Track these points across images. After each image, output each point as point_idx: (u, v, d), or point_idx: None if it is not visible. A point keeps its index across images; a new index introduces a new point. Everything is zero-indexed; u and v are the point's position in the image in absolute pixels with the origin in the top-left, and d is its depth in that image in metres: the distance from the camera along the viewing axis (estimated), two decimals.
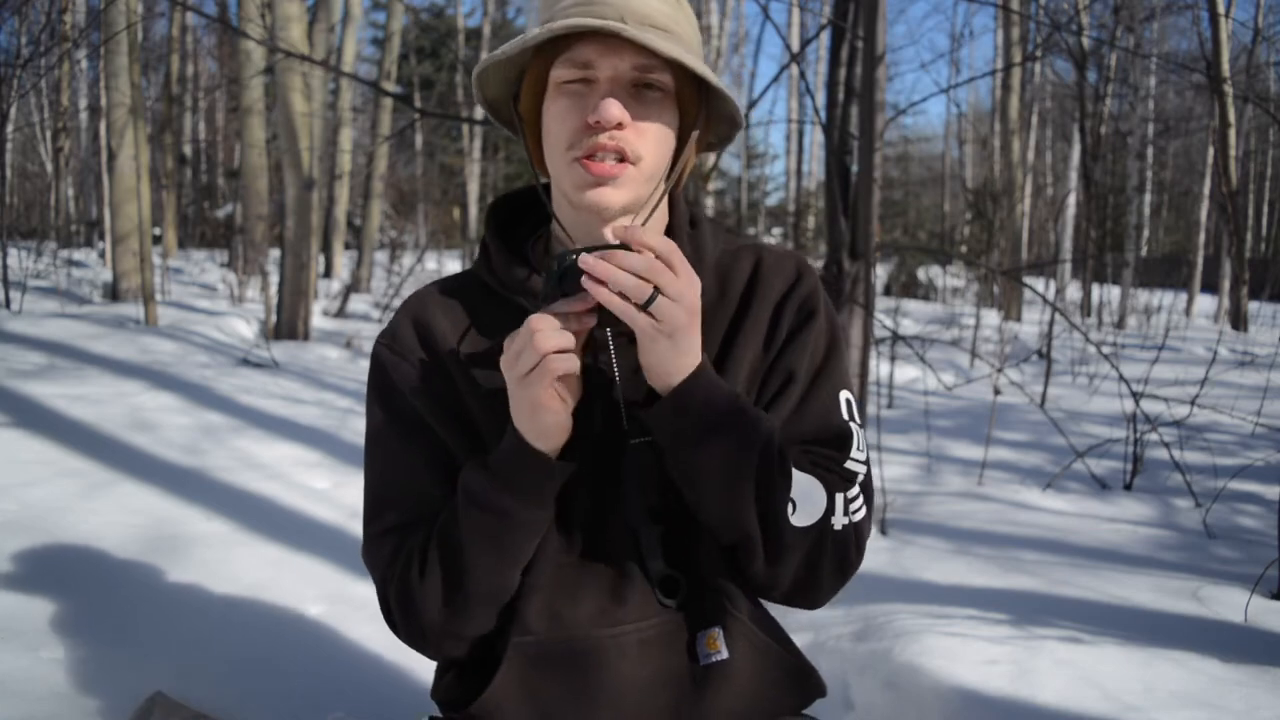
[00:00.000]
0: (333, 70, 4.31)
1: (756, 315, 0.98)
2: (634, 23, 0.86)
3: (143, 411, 3.40)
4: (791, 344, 0.99)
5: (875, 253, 2.96)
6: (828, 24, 3.34)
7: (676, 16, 0.91)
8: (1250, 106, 10.46)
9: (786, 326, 0.99)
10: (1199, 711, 1.61)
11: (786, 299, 0.99)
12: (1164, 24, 13.13)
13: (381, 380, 0.99)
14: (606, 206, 0.90)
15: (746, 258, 1.02)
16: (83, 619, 1.84)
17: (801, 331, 0.99)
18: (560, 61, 0.89)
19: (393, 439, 0.98)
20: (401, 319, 1.00)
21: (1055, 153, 18.08)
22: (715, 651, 0.95)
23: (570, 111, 0.88)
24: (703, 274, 0.96)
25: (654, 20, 0.88)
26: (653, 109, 0.89)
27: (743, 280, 1.01)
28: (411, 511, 0.96)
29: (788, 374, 0.98)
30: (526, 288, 0.96)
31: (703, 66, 0.88)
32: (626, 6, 0.87)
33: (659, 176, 0.93)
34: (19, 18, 7.77)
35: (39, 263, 8.69)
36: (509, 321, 0.91)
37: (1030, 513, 2.95)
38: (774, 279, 1.00)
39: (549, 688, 0.93)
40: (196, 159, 18.16)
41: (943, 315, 10.57)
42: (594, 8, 0.87)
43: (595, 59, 0.87)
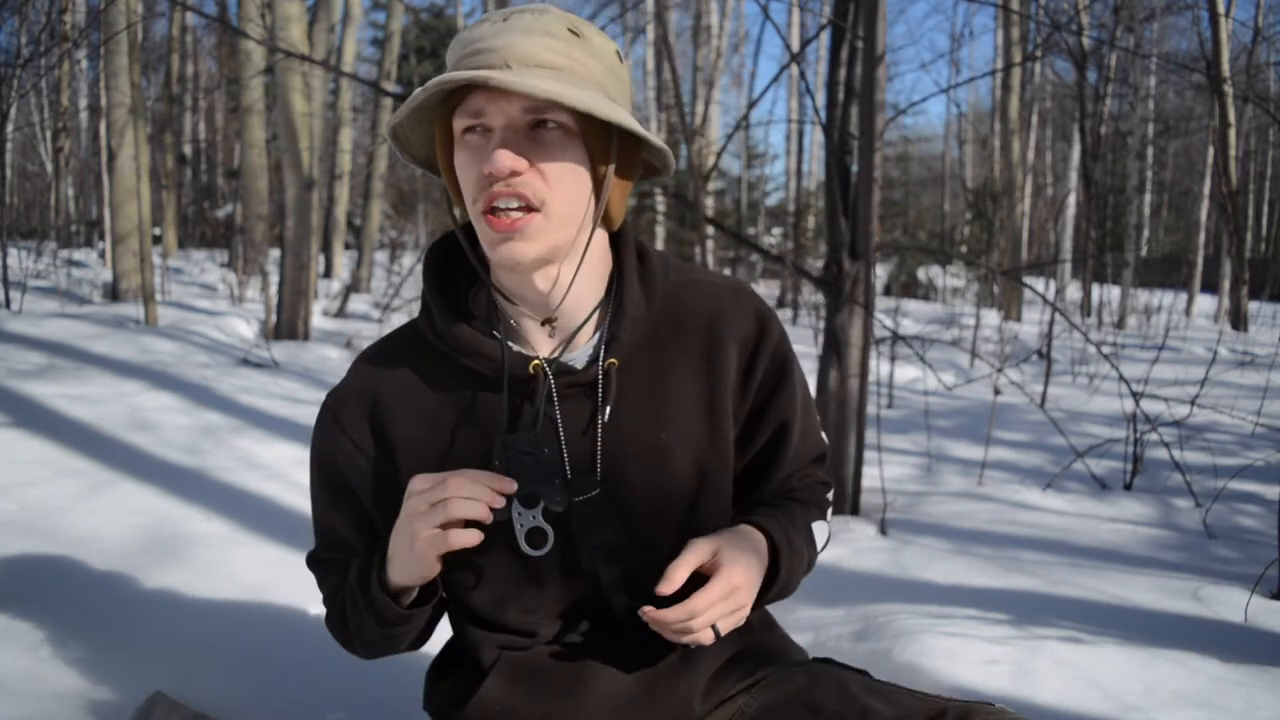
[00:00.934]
0: (333, 70, 4.31)
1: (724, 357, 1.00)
2: (518, 66, 0.85)
3: (143, 411, 3.40)
4: (777, 394, 1.03)
5: (875, 253, 2.96)
6: (828, 24, 3.34)
7: (570, 53, 0.87)
8: (1250, 106, 10.46)
9: (762, 374, 1.02)
10: (1199, 711, 1.61)
11: (759, 349, 1.02)
12: (1164, 24, 13.13)
13: (321, 444, 1.02)
14: (518, 261, 0.88)
15: (701, 293, 1.02)
16: (83, 619, 1.84)
17: (782, 383, 1.03)
18: (458, 113, 0.88)
19: (324, 496, 1.03)
20: (349, 389, 1.01)
21: (1055, 153, 18.08)
22: None
23: (470, 163, 0.88)
24: (653, 307, 0.98)
25: (540, 60, 0.86)
26: (553, 149, 0.86)
27: (701, 316, 1.01)
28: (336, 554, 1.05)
29: (781, 424, 1.04)
30: (472, 349, 0.95)
31: (589, 100, 0.83)
32: (511, 51, 0.85)
33: (577, 218, 0.90)
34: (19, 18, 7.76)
35: (39, 263, 8.69)
36: (457, 383, 0.97)
37: (1030, 513, 2.95)
38: (735, 324, 1.01)
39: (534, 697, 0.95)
40: (196, 159, 18.16)
41: (943, 315, 10.57)
42: (480, 57, 0.86)
43: (485, 106, 0.86)
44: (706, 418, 0.98)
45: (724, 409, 0.99)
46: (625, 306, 0.96)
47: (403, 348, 1.01)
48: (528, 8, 0.89)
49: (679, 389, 0.98)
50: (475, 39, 0.87)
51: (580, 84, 0.86)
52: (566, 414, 0.95)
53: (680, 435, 0.97)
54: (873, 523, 2.85)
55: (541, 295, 0.94)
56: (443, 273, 0.99)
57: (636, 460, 0.96)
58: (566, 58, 0.87)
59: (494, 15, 0.90)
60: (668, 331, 0.99)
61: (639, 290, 0.97)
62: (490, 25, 0.88)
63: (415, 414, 0.97)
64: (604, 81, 0.90)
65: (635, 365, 0.97)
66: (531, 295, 0.94)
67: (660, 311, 0.99)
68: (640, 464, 0.96)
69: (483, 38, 0.87)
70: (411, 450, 0.97)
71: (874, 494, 3.13)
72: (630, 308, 0.96)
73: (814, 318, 8.04)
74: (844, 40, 3.10)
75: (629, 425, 0.96)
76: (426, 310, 0.98)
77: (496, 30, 0.87)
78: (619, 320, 0.95)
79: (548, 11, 0.88)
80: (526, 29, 0.86)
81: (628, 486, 0.95)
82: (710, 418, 0.99)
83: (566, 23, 0.88)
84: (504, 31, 0.86)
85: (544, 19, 0.87)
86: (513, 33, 0.86)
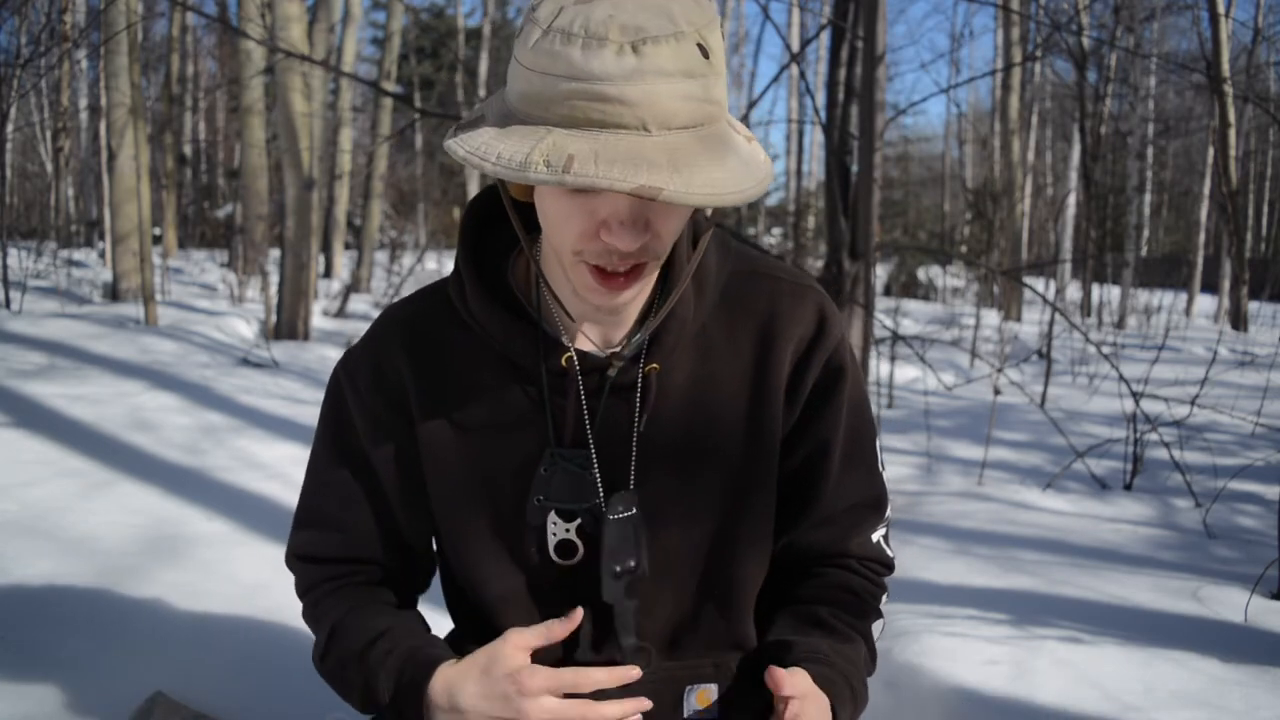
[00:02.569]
0: (333, 70, 4.32)
1: (776, 361, 0.91)
2: (659, 130, 0.69)
3: (143, 411, 3.40)
4: (822, 407, 0.92)
5: (875, 253, 2.97)
6: (828, 24, 3.34)
7: (708, 89, 0.72)
8: (1250, 106, 10.45)
9: (812, 381, 0.92)
10: (1199, 711, 1.61)
11: (812, 353, 0.91)
12: (1164, 24, 13.14)
13: (337, 407, 0.95)
14: (616, 308, 0.83)
15: (761, 286, 0.92)
16: (83, 619, 1.84)
17: (832, 394, 0.92)
18: None
19: (335, 466, 0.94)
20: (365, 353, 0.94)
21: (1055, 153, 18.08)
22: (705, 708, 0.93)
23: (576, 214, 0.76)
24: (702, 307, 0.89)
25: (683, 119, 0.70)
26: (674, 208, 0.76)
27: (758, 314, 0.91)
28: (337, 548, 0.96)
29: (822, 444, 0.93)
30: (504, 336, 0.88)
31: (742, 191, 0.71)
32: (651, 109, 0.69)
33: None
34: (19, 18, 7.76)
35: (39, 263, 8.68)
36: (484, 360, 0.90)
37: (1030, 513, 2.95)
38: (794, 324, 0.91)
39: None
40: (196, 159, 18.16)
41: (943, 315, 10.57)
42: (610, 109, 0.68)
43: None
44: (749, 433, 0.91)
45: (771, 424, 0.91)
46: (675, 309, 0.87)
47: (429, 316, 0.93)
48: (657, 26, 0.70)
49: (723, 399, 0.90)
50: (598, 75, 0.68)
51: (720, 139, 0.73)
52: (599, 414, 0.89)
53: (719, 450, 0.91)
54: None
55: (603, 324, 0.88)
56: (479, 240, 0.90)
57: (669, 476, 0.90)
58: (704, 103, 0.72)
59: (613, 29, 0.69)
60: (718, 332, 0.91)
61: (691, 290, 0.88)
62: (616, 56, 0.68)
63: (439, 387, 0.91)
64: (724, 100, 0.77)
65: (678, 369, 0.89)
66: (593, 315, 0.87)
67: (713, 308, 0.90)
68: (673, 480, 0.90)
69: (609, 77, 0.68)
70: (432, 429, 0.91)
71: None
72: (679, 309, 0.87)
73: None
74: (844, 40, 3.10)
75: (665, 437, 0.89)
76: (458, 280, 0.90)
77: (627, 70, 0.68)
78: (666, 323, 0.87)
79: (682, 34, 0.70)
80: (664, 71, 0.69)
81: (658, 503, 0.90)
82: (754, 430, 0.91)
83: (696, 37, 0.71)
84: (638, 75, 0.68)
85: (681, 49, 0.70)
86: (649, 77, 0.68)
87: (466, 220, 0.91)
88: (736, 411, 0.91)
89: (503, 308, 0.88)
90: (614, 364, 0.88)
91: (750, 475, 0.92)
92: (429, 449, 0.91)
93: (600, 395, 0.88)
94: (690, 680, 0.94)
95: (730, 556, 0.93)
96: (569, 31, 0.69)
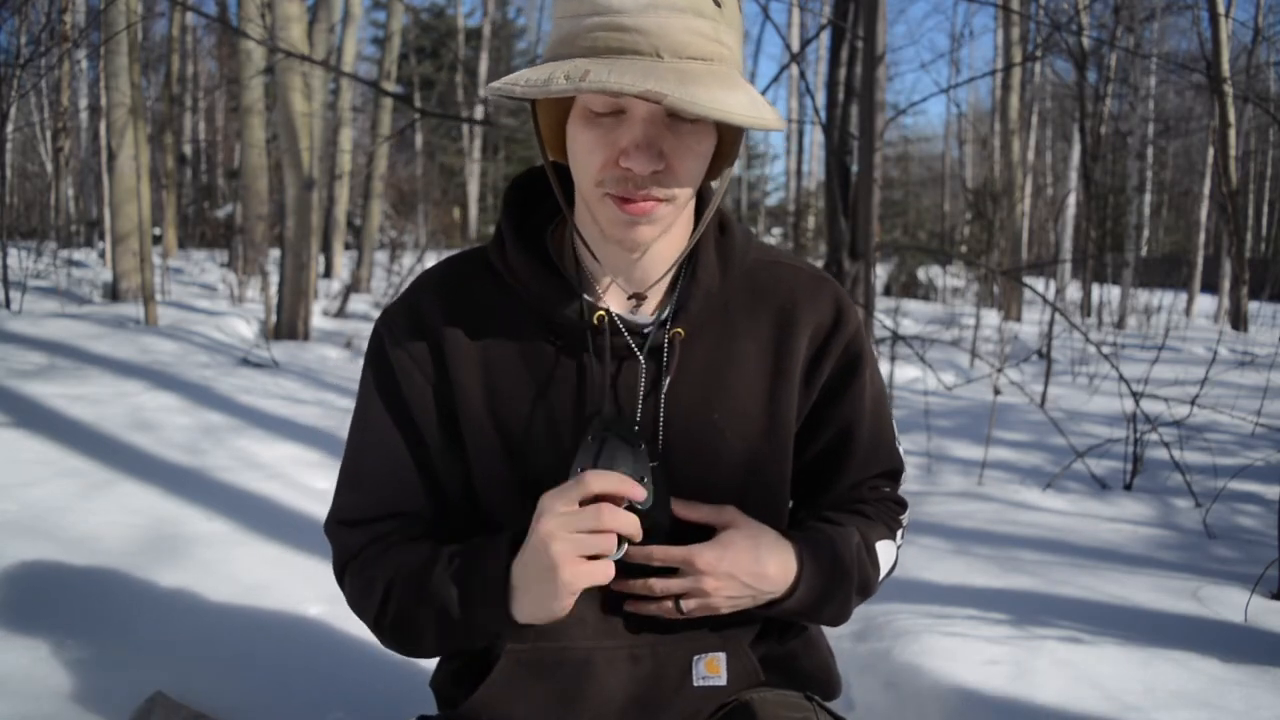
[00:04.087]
0: (333, 70, 4.32)
1: (794, 346, 0.95)
2: (670, 57, 0.76)
3: (143, 411, 3.40)
4: (843, 394, 0.98)
5: (875, 253, 2.97)
6: (828, 24, 3.34)
7: (719, 33, 0.79)
8: (1250, 106, 10.46)
9: (829, 370, 0.97)
10: (1199, 711, 1.61)
11: (830, 340, 0.96)
12: (1164, 24, 13.13)
13: (378, 359, 0.97)
14: (641, 244, 0.86)
15: (781, 274, 0.97)
16: (83, 619, 1.84)
17: (851, 381, 0.98)
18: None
19: (379, 420, 0.96)
20: (402, 304, 0.97)
21: (1055, 153, 18.08)
22: (714, 675, 0.94)
23: (599, 145, 0.81)
24: (728, 281, 0.94)
25: (694, 51, 0.77)
26: (691, 143, 0.82)
27: (777, 299, 0.96)
28: (381, 506, 0.96)
29: (846, 428, 0.99)
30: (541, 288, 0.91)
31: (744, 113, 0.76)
32: (664, 38, 0.76)
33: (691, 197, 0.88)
34: (19, 18, 7.76)
35: (39, 263, 8.69)
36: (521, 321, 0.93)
37: (1030, 513, 2.95)
38: (812, 311, 0.96)
39: (539, 693, 0.93)
40: (196, 159, 18.17)
41: (943, 315, 10.57)
42: (625, 36, 0.76)
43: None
44: (766, 408, 0.94)
45: (787, 402, 0.95)
46: (699, 276, 0.92)
47: (467, 275, 0.96)
48: None
49: (741, 373, 0.94)
50: (616, 8, 0.76)
51: (730, 76, 0.79)
52: (625, 377, 0.91)
53: (735, 422, 0.93)
54: None
55: (630, 264, 0.91)
56: (522, 213, 0.95)
57: (685, 438, 0.92)
58: (715, 43, 0.78)
59: None
60: (740, 310, 0.95)
61: (715, 261, 0.93)
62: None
63: (473, 339, 0.93)
64: (739, 56, 0.83)
65: (700, 339, 0.93)
66: (623, 265, 0.91)
67: (735, 288, 0.95)
68: (689, 443, 0.92)
69: (626, 10, 0.76)
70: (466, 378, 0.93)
71: None
72: (704, 278, 0.92)
73: None
74: (844, 40, 3.10)
75: (682, 401, 0.92)
76: (499, 239, 0.94)
77: (642, 4, 0.76)
78: (690, 289, 0.92)
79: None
80: (676, 6, 0.76)
81: (675, 465, 0.92)
82: (770, 407, 0.94)
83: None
84: (651, 8, 0.76)
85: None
86: (662, 11, 0.76)
87: (509, 194, 0.96)
88: (753, 386, 0.94)
89: (540, 263, 0.92)
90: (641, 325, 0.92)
91: (764, 450, 0.95)
92: (463, 397, 0.93)
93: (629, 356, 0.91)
94: (698, 650, 0.95)
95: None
96: None
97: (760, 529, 0.92)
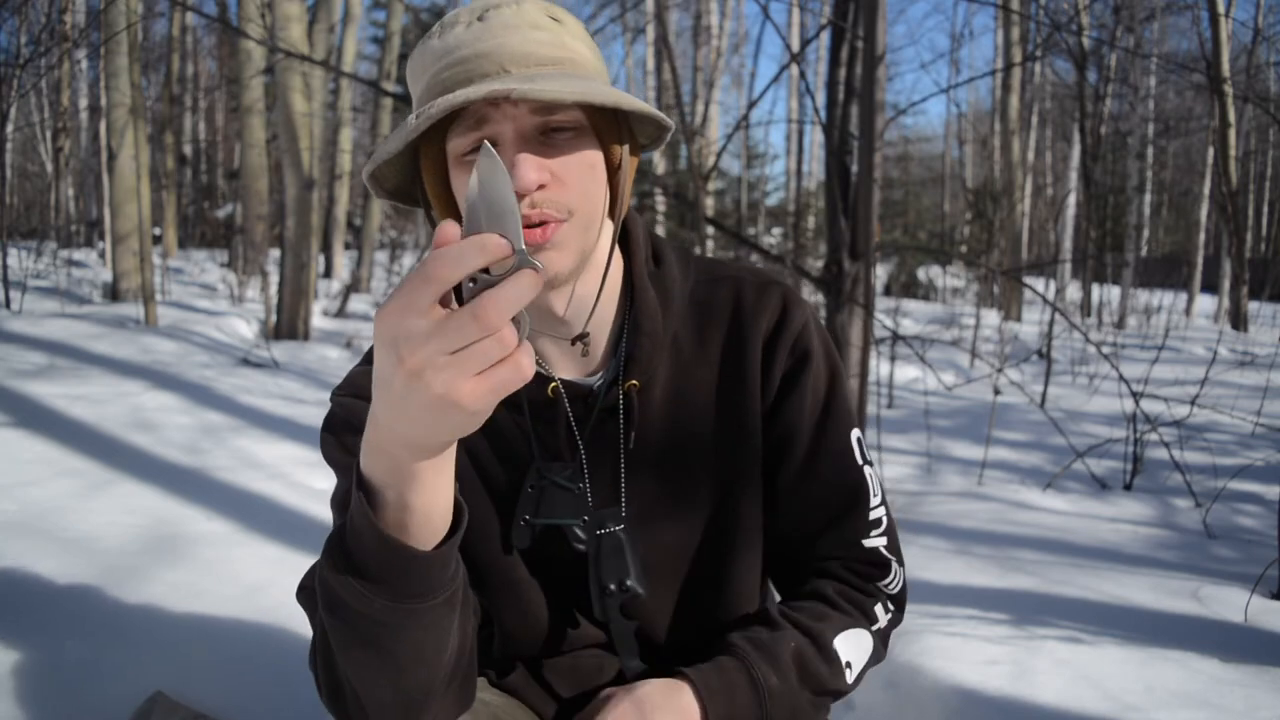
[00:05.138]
0: (333, 70, 4.32)
1: (748, 358, 0.90)
2: (517, 69, 0.75)
3: (143, 411, 3.40)
4: (788, 394, 0.91)
5: (875, 253, 2.96)
6: (828, 24, 3.34)
7: (562, 42, 0.78)
8: (1250, 106, 10.46)
9: (780, 370, 0.91)
10: (1199, 711, 1.61)
11: (776, 338, 0.91)
12: (1164, 24, 13.13)
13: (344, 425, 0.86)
14: (556, 274, 0.78)
15: (724, 290, 0.92)
16: (83, 619, 1.84)
17: (798, 378, 0.91)
18: (454, 131, 0.77)
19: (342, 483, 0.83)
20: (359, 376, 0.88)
21: (1055, 153, 18.08)
22: None
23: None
24: (671, 316, 0.89)
25: (540, 58, 0.77)
26: (568, 151, 0.77)
27: (724, 317, 0.91)
28: None
29: (788, 431, 0.91)
30: None
31: (606, 91, 0.75)
32: (505, 53, 0.76)
33: (599, 215, 0.81)
34: (19, 18, 7.77)
35: (39, 263, 8.69)
36: None
37: (1030, 513, 2.95)
38: (759, 315, 0.91)
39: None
40: (196, 159, 18.16)
41: (943, 315, 10.57)
42: (470, 65, 0.76)
43: (490, 117, 0.75)
44: (732, 435, 0.90)
45: (752, 421, 0.90)
46: (641, 323, 0.87)
47: None
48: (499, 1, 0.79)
49: (702, 405, 0.90)
50: (452, 47, 0.77)
51: (583, 75, 0.78)
52: (588, 439, 0.88)
53: (705, 461, 0.90)
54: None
55: (557, 316, 0.85)
56: None
57: (659, 492, 0.89)
58: (561, 49, 0.78)
59: (461, 15, 0.79)
60: (689, 341, 0.91)
61: (654, 301, 0.88)
62: (465, 29, 0.77)
63: None
64: (595, 65, 0.82)
65: (656, 383, 0.89)
66: (549, 317, 0.86)
67: (680, 318, 0.90)
68: (663, 495, 0.89)
69: (462, 44, 0.76)
70: None
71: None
72: (646, 324, 0.88)
73: None
74: (844, 40, 3.10)
75: (651, 452, 0.89)
76: None
77: (476, 34, 0.76)
78: (635, 338, 0.87)
79: (522, 2, 0.79)
80: (510, 25, 0.77)
81: (650, 521, 0.89)
82: (736, 432, 0.90)
83: (542, 9, 0.79)
84: (486, 34, 0.76)
85: (523, 11, 0.78)
86: (496, 32, 0.76)
87: None
88: (717, 415, 0.90)
89: None
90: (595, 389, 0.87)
91: (737, 477, 0.91)
92: None
93: (587, 421, 0.88)
94: None
95: (727, 563, 0.92)
96: (428, 35, 0.80)
97: (643, 687, 0.82)
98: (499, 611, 0.93)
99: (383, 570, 0.65)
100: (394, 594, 0.66)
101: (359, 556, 0.66)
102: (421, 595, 0.67)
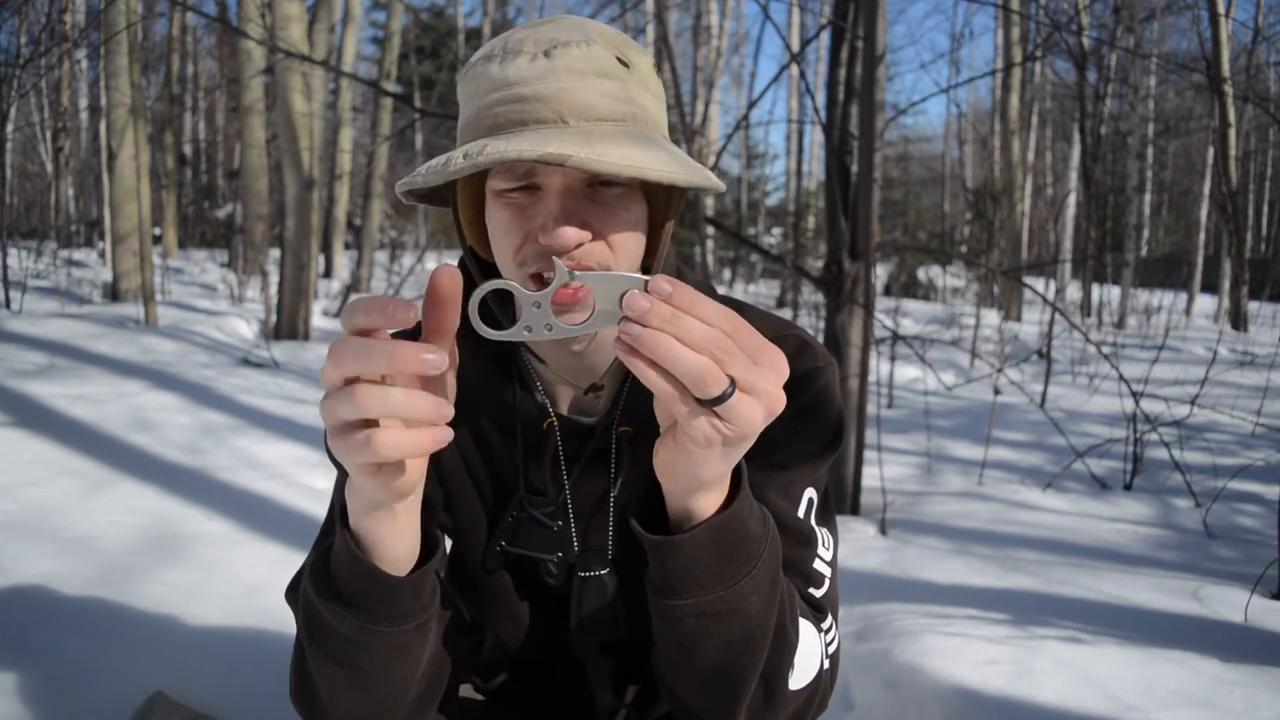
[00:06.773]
0: (333, 70, 4.31)
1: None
2: (576, 121, 0.71)
3: (143, 411, 3.40)
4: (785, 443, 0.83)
5: (875, 253, 2.96)
6: (828, 24, 3.34)
7: (628, 95, 0.73)
8: (1250, 106, 10.46)
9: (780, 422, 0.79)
10: (1199, 711, 1.61)
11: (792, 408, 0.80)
12: (1164, 24, 13.13)
13: None
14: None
15: None
16: (83, 619, 1.84)
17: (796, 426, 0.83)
18: (497, 170, 0.74)
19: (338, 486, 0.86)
20: None
21: (1055, 153, 18.07)
22: None
23: (514, 223, 0.74)
24: None
25: (601, 112, 0.72)
26: (617, 210, 0.74)
27: None
28: None
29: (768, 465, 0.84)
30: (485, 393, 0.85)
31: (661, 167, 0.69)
32: (566, 102, 0.71)
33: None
34: (19, 18, 7.77)
35: (39, 263, 8.69)
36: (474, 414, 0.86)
37: (1030, 513, 2.95)
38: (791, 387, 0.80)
39: None
40: (196, 159, 18.17)
41: (943, 315, 10.57)
42: (526, 106, 0.71)
43: (539, 167, 0.72)
44: None
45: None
46: None
47: None
48: (568, 35, 0.73)
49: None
50: (513, 80, 0.72)
51: (646, 135, 0.73)
52: (579, 479, 0.87)
53: None
54: (873, 522, 2.85)
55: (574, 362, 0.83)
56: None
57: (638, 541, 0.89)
58: (626, 103, 0.73)
59: (528, 42, 0.73)
60: None
61: None
62: (529, 61, 0.72)
63: None
64: (659, 118, 0.77)
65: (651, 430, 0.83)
66: (566, 363, 0.83)
67: None
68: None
69: (524, 80, 0.71)
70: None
71: (874, 494, 3.13)
72: None
73: (814, 318, 8.04)
74: (844, 40, 3.10)
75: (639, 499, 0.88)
76: None
77: (540, 71, 0.71)
78: (636, 385, 0.83)
79: (593, 41, 0.73)
80: (576, 70, 0.71)
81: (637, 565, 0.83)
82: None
83: (614, 50, 0.74)
84: (550, 74, 0.71)
85: (593, 53, 0.72)
86: (561, 75, 0.71)
87: None
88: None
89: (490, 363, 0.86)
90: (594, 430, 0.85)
91: None
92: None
93: (579, 460, 0.87)
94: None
95: None
96: (489, 54, 0.74)
97: None
98: (486, 617, 0.93)
99: (354, 591, 0.68)
100: (364, 615, 0.68)
101: (335, 573, 0.69)
102: (391, 619, 0.69)
